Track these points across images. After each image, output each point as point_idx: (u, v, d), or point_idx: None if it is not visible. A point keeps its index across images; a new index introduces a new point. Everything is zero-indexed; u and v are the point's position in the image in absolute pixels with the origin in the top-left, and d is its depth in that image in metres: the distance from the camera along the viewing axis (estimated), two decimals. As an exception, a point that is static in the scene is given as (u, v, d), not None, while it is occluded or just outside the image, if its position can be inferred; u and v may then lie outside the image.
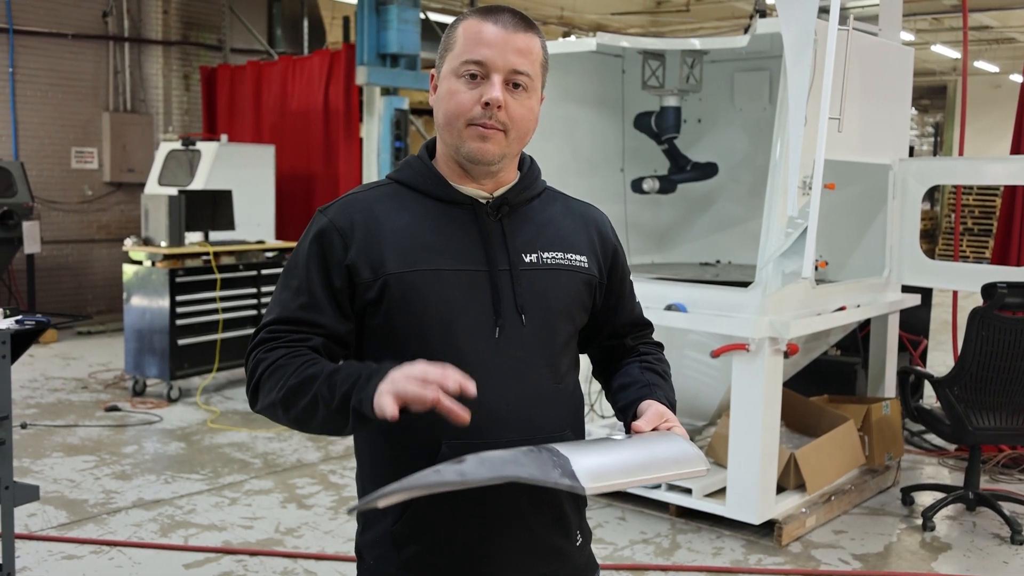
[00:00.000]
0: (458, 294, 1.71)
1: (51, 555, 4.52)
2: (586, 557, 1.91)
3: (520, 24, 1.72)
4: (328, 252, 1.73)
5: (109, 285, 11.03)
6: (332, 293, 1.72)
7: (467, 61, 1.69)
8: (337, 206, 1.78)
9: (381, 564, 1.78)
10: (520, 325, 1.74)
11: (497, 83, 1.68)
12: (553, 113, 5.81)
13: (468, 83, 1.69)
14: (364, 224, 1.74)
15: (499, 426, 1.64)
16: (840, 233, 5.81)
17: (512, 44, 1.69)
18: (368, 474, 1.82)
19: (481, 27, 1.70)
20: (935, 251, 19.01)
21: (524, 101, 1.72)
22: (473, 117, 1.69)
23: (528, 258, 1.77)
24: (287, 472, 5.78)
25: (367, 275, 1.71)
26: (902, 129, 5.77)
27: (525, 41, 1.71)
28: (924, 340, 7.20)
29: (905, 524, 5.14)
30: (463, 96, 1.69)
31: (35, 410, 7.11)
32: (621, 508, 5.22)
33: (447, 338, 1.70)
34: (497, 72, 1.68)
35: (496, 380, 1.70)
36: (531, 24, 1.75)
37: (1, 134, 10.41)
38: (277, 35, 12.03)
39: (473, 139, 1.70)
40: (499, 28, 1.70)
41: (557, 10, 15.59)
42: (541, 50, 1.75)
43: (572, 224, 1.87)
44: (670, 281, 5.17)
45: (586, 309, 1.86)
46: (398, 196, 1.80)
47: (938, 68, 21.74)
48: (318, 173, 9.95)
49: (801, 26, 4.18)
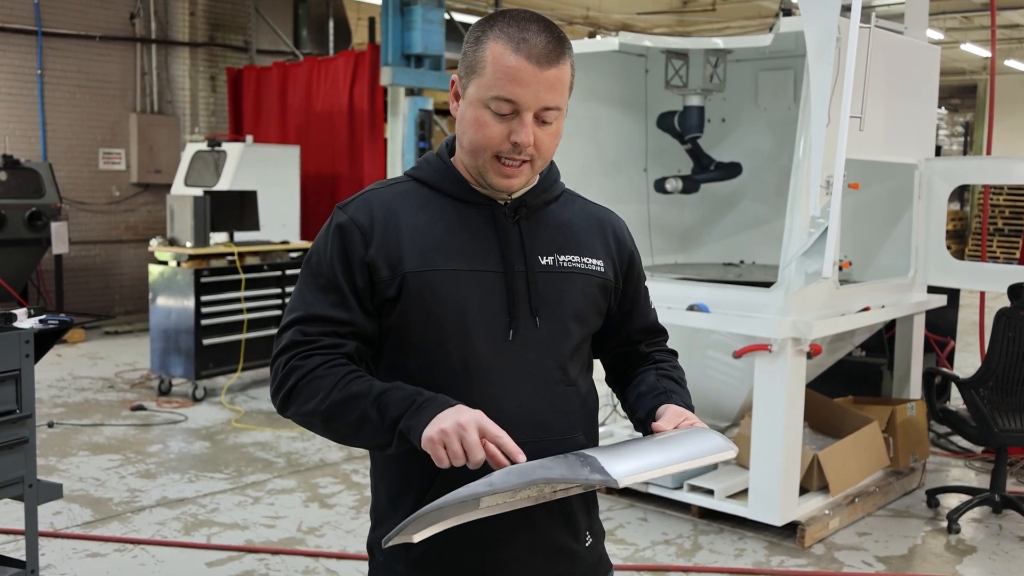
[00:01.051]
0: (474, 295, 1.71)
1: (75, 553, 4.56)
2: (597, 557, 1.90)
3: (551, 53, 1.65)
4: (349, 249, 1.72)
5: (136, 285, 11.12)
6: (356, 290, 1.72)
7: (497, 98, 1.65)
8: (356, 203, 1.78)
9: (391, 561, 1.79)
10: (534, 327, 1.74)
11: (528, 123, 1.65)
12: (576, 113, 5.79)
13: (497, 117, 1.66)
14: (383, 221, 1.73)
15: (510, 427, 1.62)
16: (865, 233, 5.76)
17: (545, 82, 1.64)
18: (380, 471, 1.83)
19: (513, 62, 1.63)
20: (965, 252, 18.82)
21: (552, 131, 1.71)
22: (502, 152, 1.68)
23: (544, 260, 1.77)
24: (310, 472, 5.80)
25: (386, 273, 1.70)
26: (928, 128, 5.72)
27: (557, 75, 1.66)
28: (951, 341, 7.13)
29: (930, 526, 5.09)
30: (492, 130, 1.67)
31: (62, 409, 7.17)
32: (643, 509, 5.20)
33: (461, 338, 1.70)
34: (528, 111, 1.65)
35: (508, 381, 1.71)
36: (560, 46, 1.67)
37: (30, 136, 10.52)
38: (303, 36, 12.09)
39: (498, 174, 1.71)
40: (531, 65, 1.63)
41: (583, 10, 15.56)
42: (570, 72, 1.71)
43: (589, 227, 1.86)
44: (692, 281, 5.15)
45: (600, 313, 1.86)
46: (417, 194, 1.79)
47: (968, 67, 21.49)
48: (343, 173, 9.99)
49: (824, 25, 4.15)
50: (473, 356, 1.69)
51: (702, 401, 5.61)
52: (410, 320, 1.71)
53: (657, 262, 6.20)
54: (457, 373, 1.70)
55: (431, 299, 1.70)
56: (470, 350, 1.70)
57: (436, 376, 1.70)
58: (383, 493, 1.82)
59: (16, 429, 3.38)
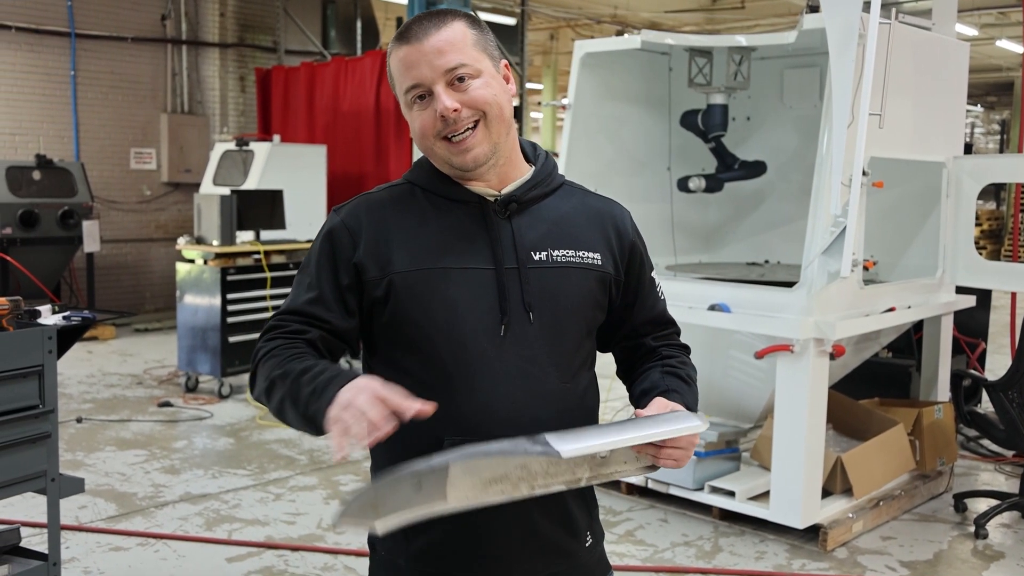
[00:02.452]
0: (464, 293, 1.72)
1: (99, 547, 4.61)
2: (596, 558, 1.89)
3: (430, 26, 1.69)
4: (338, 250, 1.77)
5: (166, 283, 11.22)
6: (339, 290, 1.76)
7: (407, 91, 1.71)
8: (349, 206, 1.82)
9: (392, 555, 1.81)
10: (527, 324, 1.73)
11: (441, 92, 1.68)
12: (599, 111, 5.78)
13: (420, 106, 1.71)
14: (373, 223, 1.77)
15: (503, 424, 1.64)
16: (893, 233, 5.69)
17: (431, 50, 1.68)
18: (375, 459, 1.85)
19: (400, 54, 1.71)
20: (1000, 252, 18.57)
21: (480, 84, 1.70)
22: (440, 130, 1.70)
23: (537, 256, 1.77)
24: (332, 469, 5.82)
25: (374, 273, 1.74)
26: (957, 126, 5.64)
27: (441, 38, 1.68)
28: (982, 343, 7.04)
29: (957, 531, 5.02)
30: (423, 118, 1.71)
31: (91, 405, 7.25)
32: (663, 510, 5.17)
33: (452, 336, 1.71)
34: (435, 83, 1.68)
35: (500, 379, 1.70)
36: (443, 16, 1.71)
37: (63, 136, 10.64)
38: (331, 36, 12.14)
39: (455, 153, 1.72)
40: (413, 46, 1.69)
41: (611, 8, 15.52)
42: (467, 31, 1.71)
43: (587, 221, 1.85)
44: (714, 281, 5.11)
45: (601, 307, 1.84)
46: (410, 196, 1.82)
47: (1005, 64, 21.19)
48: (369, 173, 10.01)
49: (845, 21, 4.11)
50: (464, 353, 1.70)
51: (725, 402, 5.57)
52: (402, 319, 1.73)
53: (680, 261, 6.16)
54: (449, 371, 1.71)
55: (421, 297, 1.71)
56: (461, 347, 1.70)
57: (429, 374, 1.71)
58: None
59: (39, 424, 3.41)
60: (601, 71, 5.77)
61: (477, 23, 1.75)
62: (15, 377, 3.26)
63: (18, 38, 10.24)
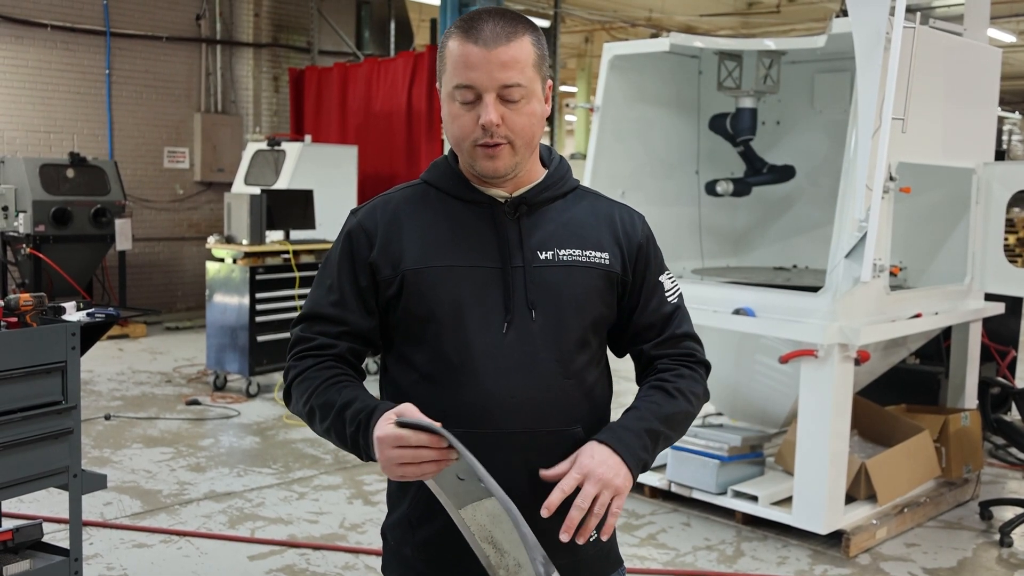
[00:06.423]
0: (470, 290, 1.78)
1: (122, 543, 4.66)
2: (604, 552, 1.90)
3: (502, 34, 1.70)
4: (355, 251, 1.84)
5: (197, 282, 11.31)
6: (359, 291, 1.83)
7: (457, 86, 1.72)
8: (366, 208, 1.89)
9: (400, 545, 1.88)
10: (530, 320, 1.78)
11: (490, 103, 1.70)
12: (627, 114, 5.76)
13: (464, 106, 1.73)
14: (387, 224, 1.84)
15: (505, 416, 1.72)
16: (922, 239, 5.64)
17: (496, 61, 1.69)
18: None
19: (464, 49, 1.70)
20: (1037, 259, 18.27)
21: (523, 109, 1.73)
22: (476, 138, 1.73)
23: (543, 255, 1.81)
24: (356, 468, 5.85)
25: (388, 272, 1.81)
26: (988, 132, 5.57)
27: (509, 53, 1.70)
28: (1013, 351, 6.95)
29: (982, 539, 4.97)
30: (463, 120, 1.74)
31: (120, 402, 7.33)
32: (687, 514, 5.15)
33: (457, 331, 1.77)
34: (488, 92, 1.70)
35: (502, 373, 1.76)
36: (512, 25, 1.72)
37: (97, 134, 10.78)
38: (365, 37, 12.20)
39: (482, 159, 1.75)
40: (480, 48, 1.69)
41: (646, 12, 15.49)
42: (532, 50, 1.73)
43: (596, 222, 1.88)
44: (740, 285, 5.09)
45: (608, 305, 1.86)
46: (424, 196, 1.87)
47: (1044, 70, 20.89)
48: (400, 173, 10.05)
49: (872, 25, 4.08)
50: (468, 349, 1.76)
51: (749, 406, 5.54)
52: (411, 315, 1.80)
53: (708, 265, 6.14)
54: (454, 365, 1.77)
55: (428, 294, 1.78)
56: (465, 343, 1.76)
57: (435, 369, 1.79)
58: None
59: (62, 420, 3.45)
60: (630, 74, 5.76)
61: (541, 40, 1.77)
62: (38, 373, 3.30)
63: (54, 36, 10.39)
